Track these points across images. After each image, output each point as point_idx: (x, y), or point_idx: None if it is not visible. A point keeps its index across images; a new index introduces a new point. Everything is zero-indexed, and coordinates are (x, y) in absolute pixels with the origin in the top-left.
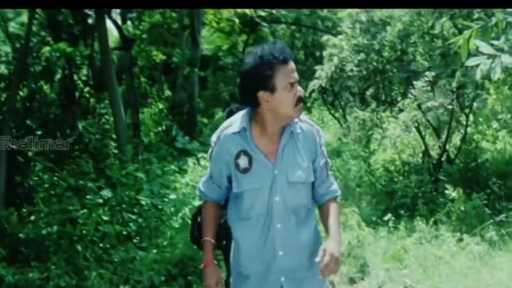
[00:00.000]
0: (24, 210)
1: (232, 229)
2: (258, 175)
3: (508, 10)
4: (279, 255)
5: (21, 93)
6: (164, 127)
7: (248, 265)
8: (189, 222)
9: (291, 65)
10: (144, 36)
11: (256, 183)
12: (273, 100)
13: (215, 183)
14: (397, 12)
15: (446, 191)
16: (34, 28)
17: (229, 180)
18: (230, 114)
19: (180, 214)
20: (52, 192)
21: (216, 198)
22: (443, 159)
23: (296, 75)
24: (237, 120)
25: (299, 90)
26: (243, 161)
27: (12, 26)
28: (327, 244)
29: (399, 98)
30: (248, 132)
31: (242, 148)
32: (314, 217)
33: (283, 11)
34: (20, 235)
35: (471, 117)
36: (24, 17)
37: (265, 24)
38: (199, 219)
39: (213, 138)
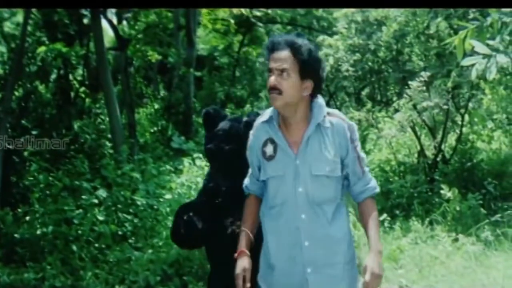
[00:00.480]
0: (19, 210)
1: (261, 219)
2: (282, 162)
3: (503, 10)
4: (305, 246)
5: (16, 93)
6: (159, 127)
7: (275, 255)
8: None
9: (274, 53)
10: (139, 36)
11: (279, 170)
12: None
13: (254, 176)
14: (392, 12)
15: (442, 191)
16: (29, 28)
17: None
18: (207, 116)
19: None
20: (47, 192)
21: (257, 192)
22: (438, 159)
23: (273, 64)
24: (269, 109)
25: (270, 79)
26: (269, 149)
27: (7, 26)
28: (368, 260)
29: (394, 98)
30: (275, 121)
31: (269, 136)
32: (345, 214)
33: (279, 11)
34: (16, 235)
35: (466, 117)
36: (20, 17)
37: (261, 24)
38: (185, 217)
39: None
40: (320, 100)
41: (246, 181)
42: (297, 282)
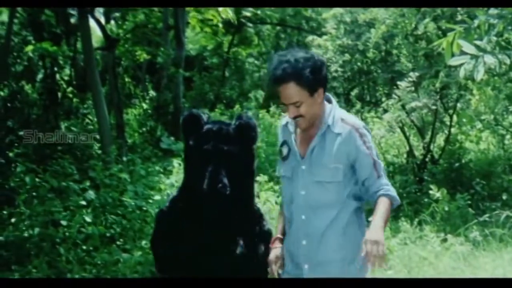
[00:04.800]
0: (4, 212)
1: None
2: (291, 165)
3: (490, 12)
4: (303, 244)
5: (1, 93)
6: (148, 128)
7: (286, 246)
8: None
9: (281, 88)
10: (128, 36)
11: (288, 172)
12: None
13: None
14: (381, 14)
15: (430, 192)
16: (14, 28)
17: None
18: (192, 117)
19: None
20: (34, 193)
21: None
22: (427, 159)
23: (284, 100)
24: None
25: (289, 112)
26: (284, 150)
27: None
28: (366, 234)
29: (383, 99)
30: (290, 125)
31: (286, 138)
32: (350, 216)
33: (268, 11)
34: (0, 238)
35: (454, 117)
36: (5, 16)
37: (250, 25)
38: (158, 241)
39: None
40: (330, 103)
41: None
42: (296, 276)
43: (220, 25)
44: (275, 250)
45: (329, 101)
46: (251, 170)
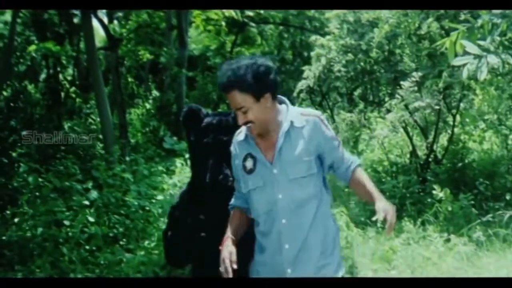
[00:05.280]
0: (7, 212)
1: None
2: (261, 174)
3: (494, 11)
4: (285, 248)
5: (4, 93)
6: (151, 128)
7: (262, 259)
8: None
9: (227, 95)
10: (131, 35)
11: (259, 182)
12: None
13: (237, 190)
14: (384, 13)
15: (434, 192)
16: (18, 28)
17: None
18: (191, 112)
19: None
20: (37, 193)
21: (241, 204)
22: (430, 159)
23: (231, 105)
24: (243, 128)
25: (238, 118)
26: (249, 163)
27: None
28: (376, 204)
29: (386, 99)
30: (249, 138)
31: (248, 152)
32: (327, 209)
33: (271, 11)
34: (3, 237)
35: (458, 117)
36: (8, 16)
37: (253, 24)
38: (169, 233)
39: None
40: (283, 104)
41: (231, 201)
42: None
43: (224, 23)
44: (229, 247)
45: (283, 103)
46: None
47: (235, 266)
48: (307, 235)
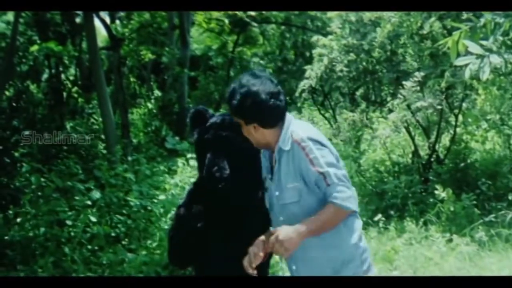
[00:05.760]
0: (10, 212)
1: None
2: (269, 195)
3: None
4: (293, 269)
5: (7, 93)
6: (153, 128)
7: None
8: None
9: None
10: (133, 35)
11: (268, 203)
12: None
13: None
14: (386, 13)
15: (436, 192)
16: (20, 28)
17: None
18: (198, 113)
19: (169, 215)
20: (39, 193)
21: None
22: (432, 159)
23: None
24: None
25: None
26: (266, 182)
27: None
28: (281, 228)
29: (388, 99)
30: (268, 151)
31: (265, 166)
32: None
33: (273, 11)
34: (6, 237)
35: (460, 117)
36: (10, 16)
37: (255, 24)
38: (172, 233)
39: None
40: (286, 124)
41: None
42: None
43: (226, 21)
44: (254, 247)
45: (288, 121)
46: (257, 160)
47: (252, 271)
48: (313, 258)
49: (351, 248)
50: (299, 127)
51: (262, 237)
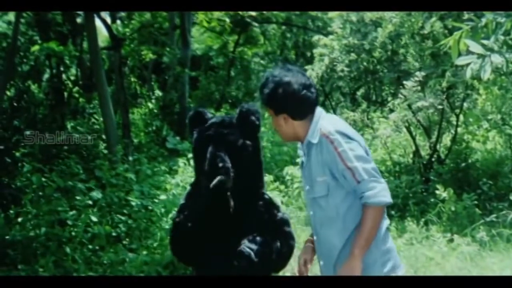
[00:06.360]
0: (11, 211)
1: None
2: (305, 189)
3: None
4: (321, 264)
5: (8, 93)
6: (154, 127)
7: None
8: None
9: None
10: (134, 35)
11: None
12: None
13: None
14: (387, 13)
15: (437, 192)
16: (21, 28)
17: None
18: (198, 114)
19: (170, 215)
20: (40, 193)
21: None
22: (433, 159)
23: None
24: None
25: None
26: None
27: None
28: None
29: (389, 98)
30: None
31: (301, 161)
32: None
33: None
34: (7, 237)
35: (461, 117)
36: (11, 16)
37: (256, 24)
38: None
39: None
40: (316, 117)
41: None
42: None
43: (227, 20)
44: (303, 251)
45: (319, 115)
46: (257, 160)
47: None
48: (338, 256)
49: (373, 251)
50: (328, 120)
51: (306, 256)
